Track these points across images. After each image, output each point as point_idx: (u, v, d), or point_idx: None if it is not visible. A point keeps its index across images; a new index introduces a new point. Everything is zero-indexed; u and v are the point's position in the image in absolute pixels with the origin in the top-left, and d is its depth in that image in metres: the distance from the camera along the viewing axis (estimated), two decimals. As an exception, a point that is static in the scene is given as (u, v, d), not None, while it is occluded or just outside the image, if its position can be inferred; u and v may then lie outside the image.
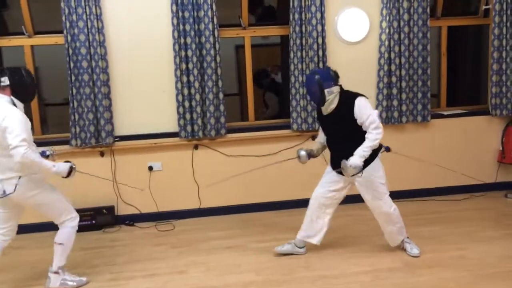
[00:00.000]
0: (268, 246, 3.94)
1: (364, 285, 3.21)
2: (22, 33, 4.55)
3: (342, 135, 3.51)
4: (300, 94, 4.82)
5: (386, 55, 4.86)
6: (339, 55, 4.89)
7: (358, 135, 3.41)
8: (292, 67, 4.82)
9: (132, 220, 4.75)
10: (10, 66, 3.33)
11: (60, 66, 5.38)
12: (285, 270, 3.50)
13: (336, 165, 3.53)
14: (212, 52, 4.62)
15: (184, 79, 4.61)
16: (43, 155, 3.54)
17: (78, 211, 4.53)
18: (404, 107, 4.95)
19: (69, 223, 3.39)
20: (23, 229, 4.57)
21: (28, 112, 4.73)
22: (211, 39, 4.60)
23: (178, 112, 4.66)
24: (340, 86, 3.55)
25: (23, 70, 3.22)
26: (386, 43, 4.84)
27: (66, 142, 4.60)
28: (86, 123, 4.53)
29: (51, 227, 4.57)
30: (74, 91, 4.50)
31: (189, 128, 4.68)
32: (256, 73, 5.66)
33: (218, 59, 4.66)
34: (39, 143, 4.61)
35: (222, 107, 4.74)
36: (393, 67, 4.88)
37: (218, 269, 3.59)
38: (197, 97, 4.65)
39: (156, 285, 3.37)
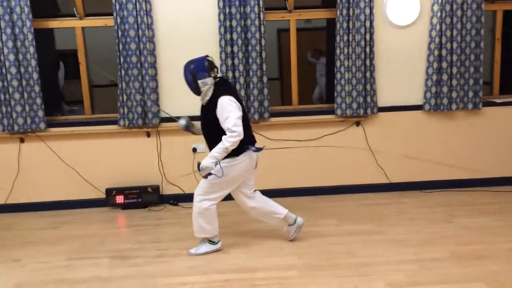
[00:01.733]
0: (308, 231, 3.93)
1: (408, 274, 3.15)
2: (74, 15, 4.68)
3: (210, 130, 3.42)
4: (345, 79, 4.74)
5: (437, 39, 4.69)
6: (387, 39, 4.76)
7: (222, 134, 3.30)
8: (338, 51, 4.74)
9: (176, 199, 4.85)
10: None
11: (106, 48, 5.51)
12: (327, 255, 3.49)
13: None
14: (257, 35, 4.60)
15: (229, 62, 4.62)
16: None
17: (125, 189, 4.77)
18: (454, 94, 4.78)
19: None
20: (70, 204, 4.81)
21: (78, 93, 4.93)
22: (257, 22, 4.58)
23: (222, 95, 4.69)
24: (218, 77, 3.41)
25: None
26: (438, 27, 4.67)
27: (114, 122, 4.73)
28: (133, 104, 4.63)
29: (98, 203, 4.80)
30: (123, 72, 4.60)
31: (232, 111, 4.70)
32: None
33: (263, 42, 4.64)
34: (89, 123, 4.82)
35: (266, 91, 4.73)
36: (443, 52, 4.71)
37: (259, 251, 3.62)
38: (241, 80, 4.65)
39: (201, 263, 3.44)
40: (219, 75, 3.46)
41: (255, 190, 3.69)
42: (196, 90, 3.41)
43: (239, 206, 3.73)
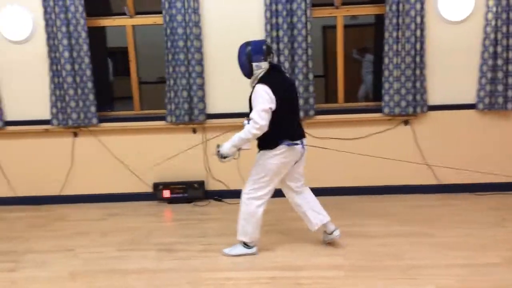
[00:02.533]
0: (354, 231, 3.89)
1: (459, 279, 3.05)
2: (125, 14, 4.81)
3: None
4: (394, 76, 4.63)
5: (492, 35, 4.49)
6: (438, 36, 4.61)
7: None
8: (386, 48, 4.63)
9: (220, 195, 4.91)
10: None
11: (153, 46, 5.65)
12: (374, 257, 3.43)
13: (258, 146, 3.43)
14: (303, 32, 4.57)
15: (275, 59, 4.62)
16: None
17: (171, 184, 4.87)
18: (510, 93, 4.57)
19: None
20: (119, 197, 4.96)
21: (128, 89, 5.08)
22: (303, 18, 4.55)
23: (268, 92, 4.69)
24: (272, 64, 3.34)
25: None
26: (493, 22, 4.47)
27: (162, 118, 4.83)
28: (180, 101, 4.71)
29: (145, 197, 4.93)
30: (171, 69, 4.69)
31: (278, 108, 4.70)
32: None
33: (309, 39, 4.61)
34: (138, 118, 4.94)
35: (311, 88, 4.70)
36: (499, 49, 4.51)
37: (305, 249, 3.60)
38: (287, 77, 4.64)
39: (246, 259, 3.46)
40: (274, 62, 3.36)
41: (302, 185, 3.60)
42: (248, 73, 3.34)
43: (288, 201, 3.69)
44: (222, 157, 3.36)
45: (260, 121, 3.16)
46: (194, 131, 4.86)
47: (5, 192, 4.95)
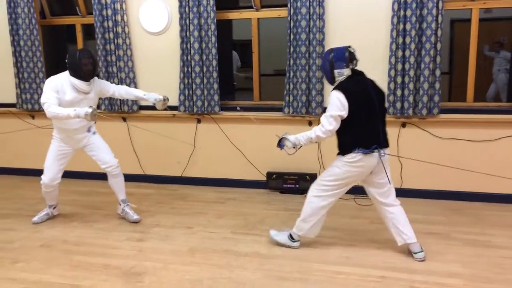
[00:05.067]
0: (475, 239, 3.65)
1: None
2: (251, 7, 4.99)
3: None
4: (535, 75, 4.19)
5: None
6: None
7: (341, 128, 3.23)
8: (528, 43, 4.20)
9: (332, 190, 4.89)
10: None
11: (270, 39, 5.78)
12: (497, 268, 3.17)
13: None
14: (433, 25, 4.33)
15: (399, 53, 4.45)
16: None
17: (284, 174, 4.96)
18: None
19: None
20: (235, 183, 5.19)
21: (248, 82, 5.25)
22: (434, 11, 4.31)
23: (389, 88, 4.54)
24: (354, 70, 3.28)
25: (78, 53, 3.80)
26: None
27: (279, 109, 4.94)
28: (299, 93, 4.77)
29: (258, 185, 5.09)
30: (291, 62, 4.76)
31: (398, 104, 4.53)
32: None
33: (439, 33, 4.36)
34: (256, 108, 5.10)
35: (437, 85, 4.44)
36: None
37: (419, 253, 3.45)
38: (411, 72, 4.44)
39: (357, 255, 3.43)
40: (357, 68, 3.33)
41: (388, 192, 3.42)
42: (331, 79, 3.35)
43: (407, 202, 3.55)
44: (282, 147, 3.50)
45: (327, 126, 3.22)
46: (310, 123, 4.89)
47: (136, 169, 5.47)
